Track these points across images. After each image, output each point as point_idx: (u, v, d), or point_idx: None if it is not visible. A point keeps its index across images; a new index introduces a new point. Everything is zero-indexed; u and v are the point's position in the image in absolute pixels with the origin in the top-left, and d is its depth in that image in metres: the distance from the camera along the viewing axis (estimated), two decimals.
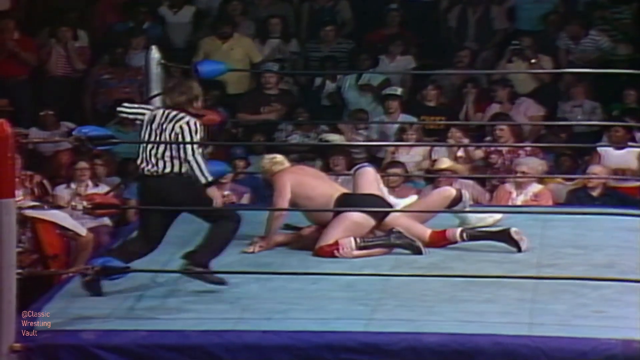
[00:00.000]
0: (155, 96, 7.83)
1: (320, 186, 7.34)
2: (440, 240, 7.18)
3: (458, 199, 7.36)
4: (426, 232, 7.23)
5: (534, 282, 6.29)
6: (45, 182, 9.80)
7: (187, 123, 6.43)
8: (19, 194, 6.45)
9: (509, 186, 9.54)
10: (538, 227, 7.50)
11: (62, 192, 9.81)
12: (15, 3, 11.59)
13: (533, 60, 11.29)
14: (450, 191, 7.48)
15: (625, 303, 6.02)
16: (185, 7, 12.02)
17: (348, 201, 7.24)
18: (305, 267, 6.67)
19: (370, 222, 7.18)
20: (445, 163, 9.68)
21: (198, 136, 6.45)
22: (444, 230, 7.22)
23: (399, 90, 11.23)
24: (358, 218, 7.13)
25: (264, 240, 7.26)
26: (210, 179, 6.45)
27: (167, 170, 6.42)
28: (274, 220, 7.30)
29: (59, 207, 8.98)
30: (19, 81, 11.14)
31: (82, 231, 7.31)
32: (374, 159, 10.33)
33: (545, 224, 7.57)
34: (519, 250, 7.04)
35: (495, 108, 10.96)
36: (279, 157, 7.51)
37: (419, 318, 5.92)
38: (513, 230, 7.07)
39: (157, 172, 6.43)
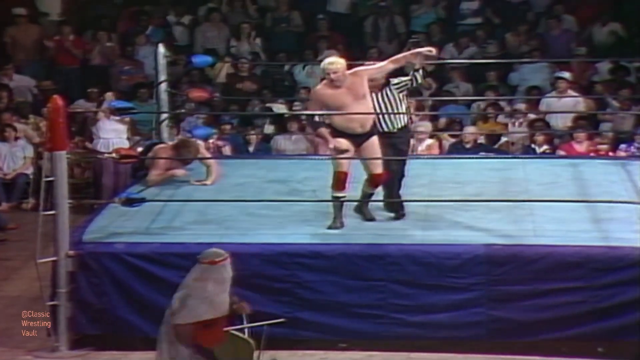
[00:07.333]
0: (162, 82, 7.75)
1: None
2: None
3: None
4: None
5: (425, 207, 6.32)
6: (87, 143, 9.77)
7: None
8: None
9: (412, 140, 9.48)
10: (429, 168, 7.43)
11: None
12: (68, 12, 11.66)
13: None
14: None
15: (489, 220, 6.10)
16: (185, 15, 11.87)
17: None
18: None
19: None
20: None
21: None
22: None
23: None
24: None
25: None
26: None
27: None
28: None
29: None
30: (72, 69, 11.15)
31: None
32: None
33: (434, 166, 7.54)
34: None
35: None
36: None
37: (348, 233, 6.04)
38: None
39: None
